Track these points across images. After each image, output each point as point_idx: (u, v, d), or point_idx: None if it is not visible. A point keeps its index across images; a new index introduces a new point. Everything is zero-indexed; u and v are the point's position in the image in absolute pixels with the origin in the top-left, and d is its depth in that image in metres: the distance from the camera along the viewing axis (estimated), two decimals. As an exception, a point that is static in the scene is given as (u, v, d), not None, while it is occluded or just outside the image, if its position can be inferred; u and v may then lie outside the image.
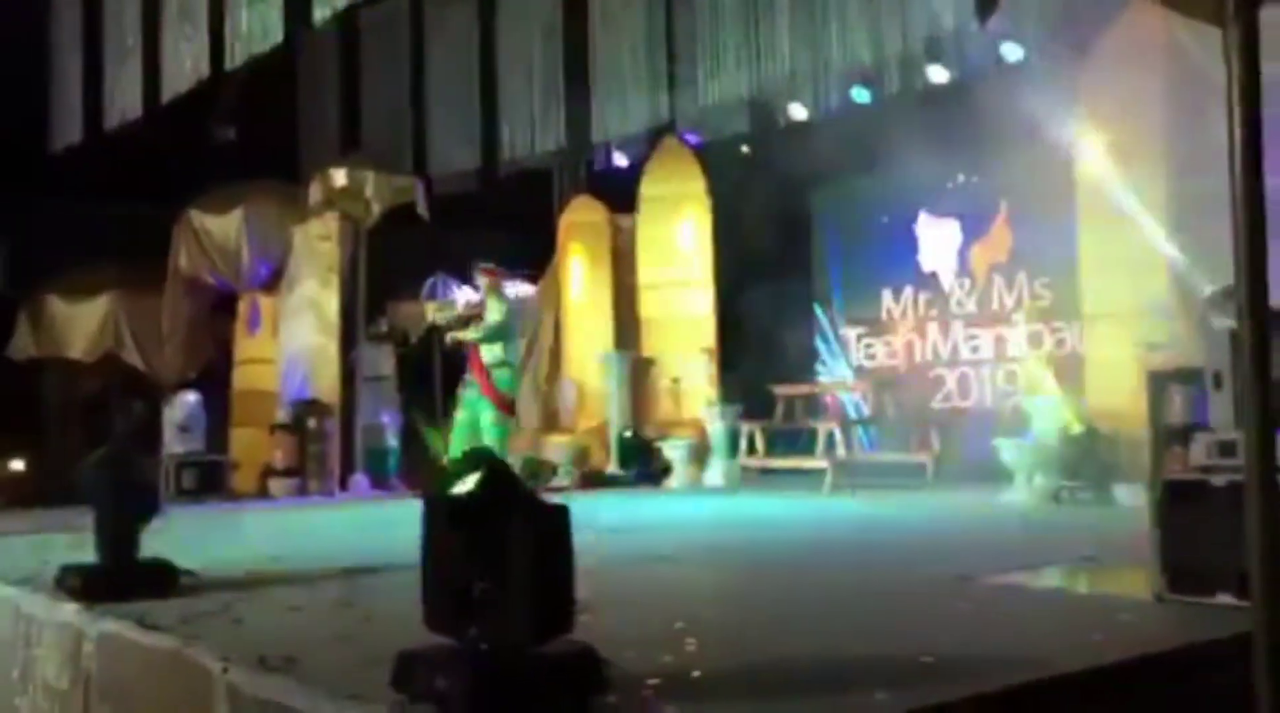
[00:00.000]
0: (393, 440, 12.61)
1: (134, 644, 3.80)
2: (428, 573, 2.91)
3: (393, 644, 2.93)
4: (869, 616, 4.07)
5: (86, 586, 4.46)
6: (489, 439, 8.21)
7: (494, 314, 8.58)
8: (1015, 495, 8.74)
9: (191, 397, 12.22)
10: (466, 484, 2.80)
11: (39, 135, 11.67)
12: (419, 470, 11.33)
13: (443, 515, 2.86)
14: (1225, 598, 3.64)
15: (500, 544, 2.73)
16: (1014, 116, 9.54)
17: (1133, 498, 7.36)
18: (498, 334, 8.52)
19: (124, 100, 10.84)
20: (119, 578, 4.53)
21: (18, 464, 12.81)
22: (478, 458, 2.93)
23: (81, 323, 13.41)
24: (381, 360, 12.76)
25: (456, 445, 8.48)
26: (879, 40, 9.79)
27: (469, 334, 8.63)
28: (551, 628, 2.77)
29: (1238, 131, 2.40)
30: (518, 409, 9.36)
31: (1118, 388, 8.46)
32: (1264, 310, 2.33)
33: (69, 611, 4.30)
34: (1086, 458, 8.26)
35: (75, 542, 5.23)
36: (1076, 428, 8.40)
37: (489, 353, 8.49)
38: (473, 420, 8.44)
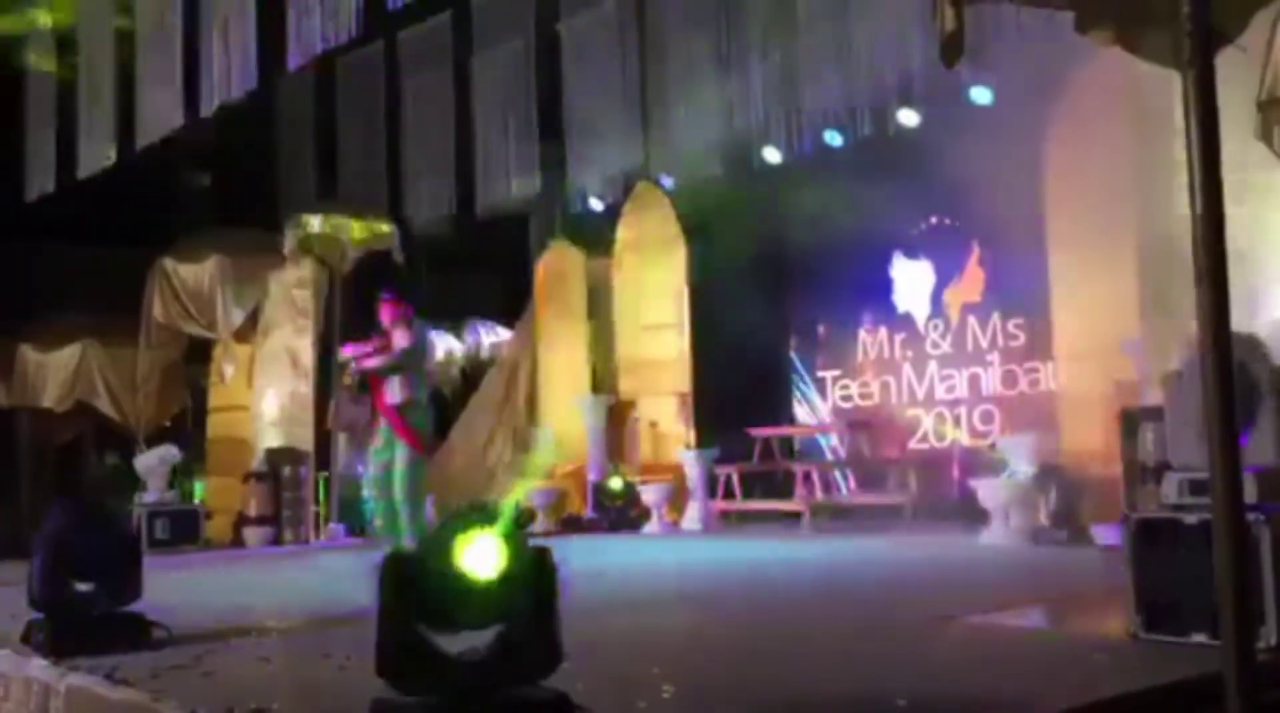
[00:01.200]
0: (368, 490, 12.50)
1: (102, 699, 3.74)
2: (388, 627, 2.87)
3: (365, 694, 2.90)
4: (844, 657, 4.05)
5: (55, 639, 4.39)
6: (400, 483, 7.78)
7: (401, 342, 8.01)
8: (992, 536, 8.74)
9: (164, 445, 12.11)
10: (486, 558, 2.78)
11: (12, 183, 11.64)
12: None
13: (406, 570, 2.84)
14: (1199, 637, 3.64)
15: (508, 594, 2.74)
16: (984, 158, 9.66)
17: (1109, 537, 7.37)
18: (403, 364, 7.95)
19: (98, 148, 10.84)
20: (88, 631, 4.46)
21: (-12, 515, 12.65)
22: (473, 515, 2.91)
23: (53, 371, 13.30)
24: (358, 410, 12.68)
25: (370, 482, 8.24)
26: (850, 84, 9.89)
27: (373, 363, 8.02)
28: (551, 666, 2.79)
29: (1197, 170, 2.44)
30: (430, 445, 8.75)
31: (1091, 426, 8.50)
32: (1226, 346, 2.35)
33: (37, 665, 4.23)
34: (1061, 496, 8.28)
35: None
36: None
37: (395, 391, 7.92)
38: (386, 452, 7.94)
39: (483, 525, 2.79)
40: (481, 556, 2.76)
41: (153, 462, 11.81)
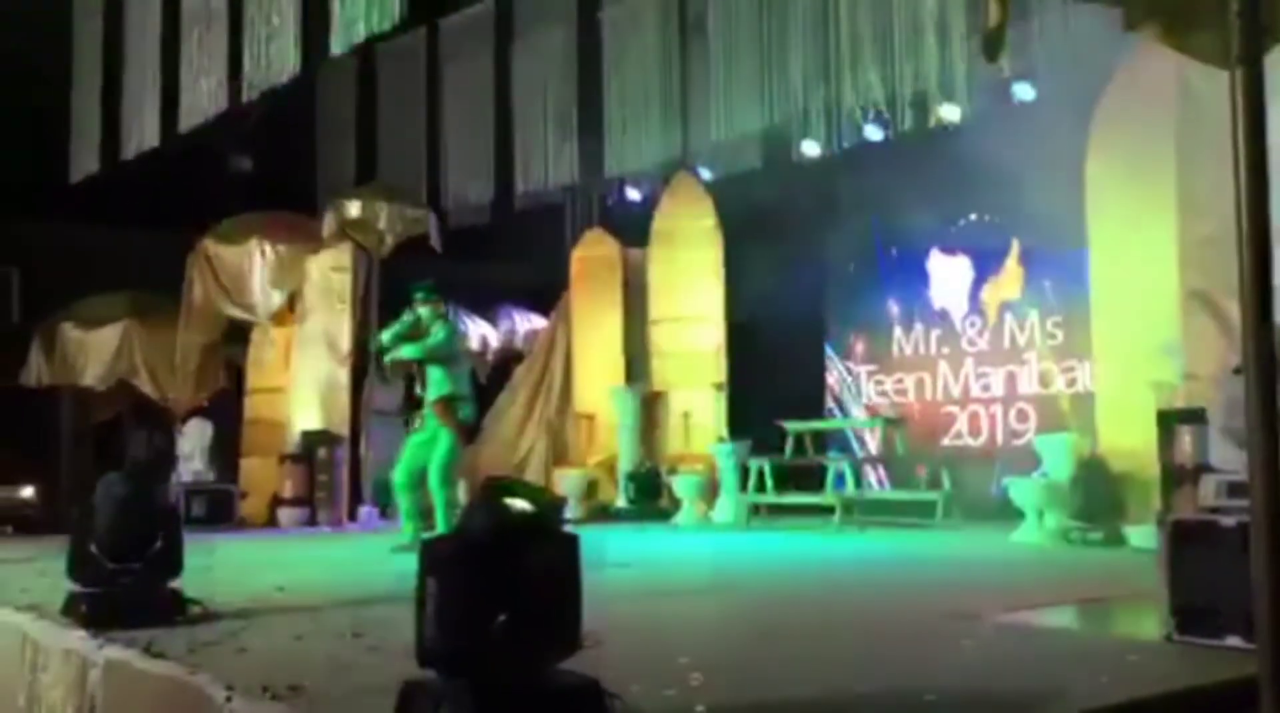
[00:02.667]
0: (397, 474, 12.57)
1: (139, 672, 3.80)
2: (428, 611, 2.88)
3: (397, 674, 2.93)
4: (874, 653, 4.04)
5: (94, 613, 4.46)
6: (435, 469, 7.94)
7: (438, 334, 8.18)
8: (1026, 535, 8.69)
9: (202, 425, 12.25)
10: (478, 518, 2.80)
11: (56, 164, 11.78)
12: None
13: (453, 551, 2.86)
14: (1234, 640, 3.61)
15: (513, 573, 2.73)
16: (1026, 155, 9.58)
17: (1144, 538, 7.31)
18: (437, 352, 8.12)
19: (142, 131, 10.96)
20: (127, 605, 4.53)
21: (28, 491, 12.83)
22: (500, 490, 2.93)
23: (95, 350, 13.47)
24: (388, 396, 12.75)
25: (403, 468, 8.22)
26: (891, 78, 9.85)
27: (405, 351, 8.23)
28: (561, 653, 2.78)
29: (1243, 171, 2.41)
30: (474, 437, 8.83)
31: (1129, 427, 8.43)
32: (1270, 347, 2.33)
33: (75, 637, 4.30)
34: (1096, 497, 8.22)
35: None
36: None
37: (435, 386, 8.12)
38: (428, 441, 8.11)
39: (520, 495, 2.82)
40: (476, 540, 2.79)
41: (191, 440, 11.96)
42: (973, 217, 12.04)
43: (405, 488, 8.21)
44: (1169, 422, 7.35)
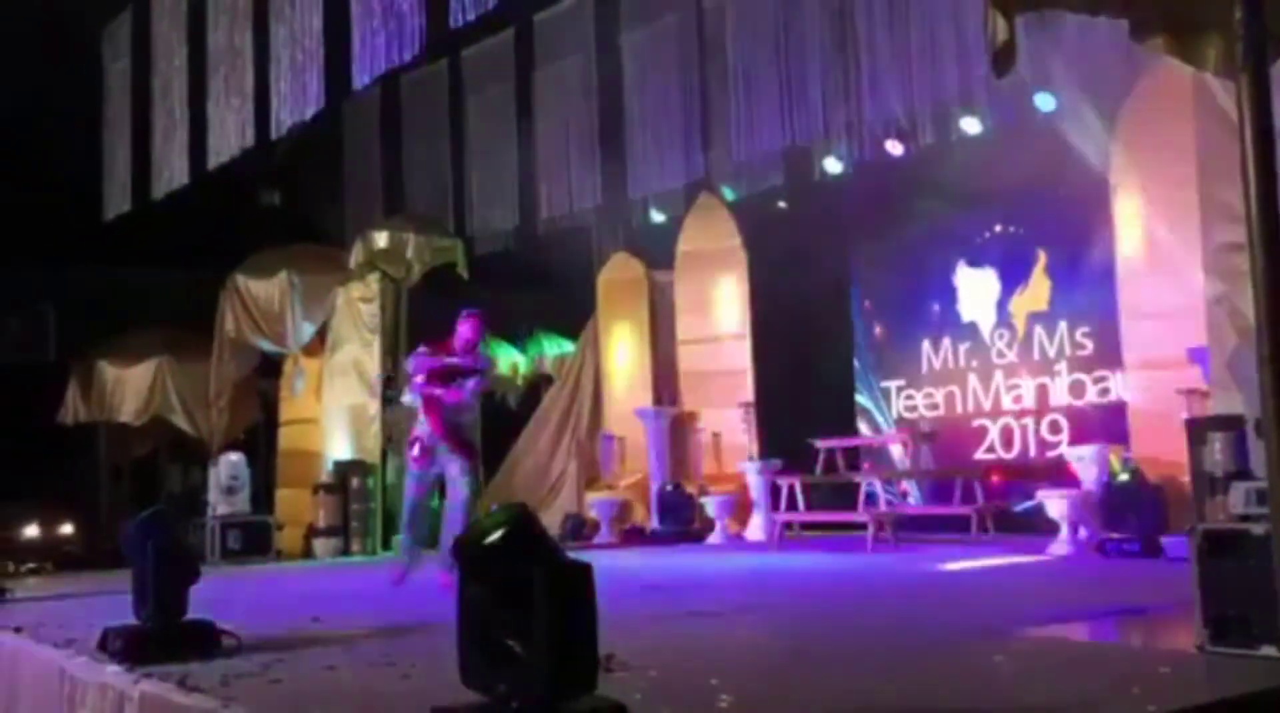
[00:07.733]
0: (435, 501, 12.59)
1: (175, 706, 3.84)
2: (462, 630, 2.93)
3: (428, 702, 2.96)
4: (906, 671, 4.03)
5: (129, 647, 4.52)
6: (461, 496, 7.47)
7: (482, 362, 7.82)
8: (1060, 548, 8.62)
9: (237, 458, 12.35)
10: (492, 535, 2.84)
11: (89, 204, 11.99)
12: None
13: (469, 565, 2.90)
14: (1268, 649, 3.58)
15: (522, 596, 2.76)
16: (1049, 165, 9.54)
17: (1179, 549, 7.25)
18: (491, 385, 8.21)
19: (171, 169, 11.13)
20: (161, 640, 4.59)
21: (68, 528, 12.99)
22: (507, 512, 2.97)
23: (130, 387, 13.63)
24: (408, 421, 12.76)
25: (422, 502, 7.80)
26: (911, 93, 9.85)
27: (459, 395, 7.59)
28: (573, 686, 2.78)
29: (1252, 176, 2.42)
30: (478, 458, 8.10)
31: (1161, 436, 8.36)
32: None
33: (112, 672, 4.35)
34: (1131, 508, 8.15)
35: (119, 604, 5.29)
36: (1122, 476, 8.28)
37: (464, 400, 7.60)
38: (440, 477, 7.70)
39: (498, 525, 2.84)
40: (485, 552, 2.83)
41: (225, 474, 12.07)
42: (997, 228, 11.99)
43: (415, 520, 7.86)
44: (1200, 430, 7.29)
